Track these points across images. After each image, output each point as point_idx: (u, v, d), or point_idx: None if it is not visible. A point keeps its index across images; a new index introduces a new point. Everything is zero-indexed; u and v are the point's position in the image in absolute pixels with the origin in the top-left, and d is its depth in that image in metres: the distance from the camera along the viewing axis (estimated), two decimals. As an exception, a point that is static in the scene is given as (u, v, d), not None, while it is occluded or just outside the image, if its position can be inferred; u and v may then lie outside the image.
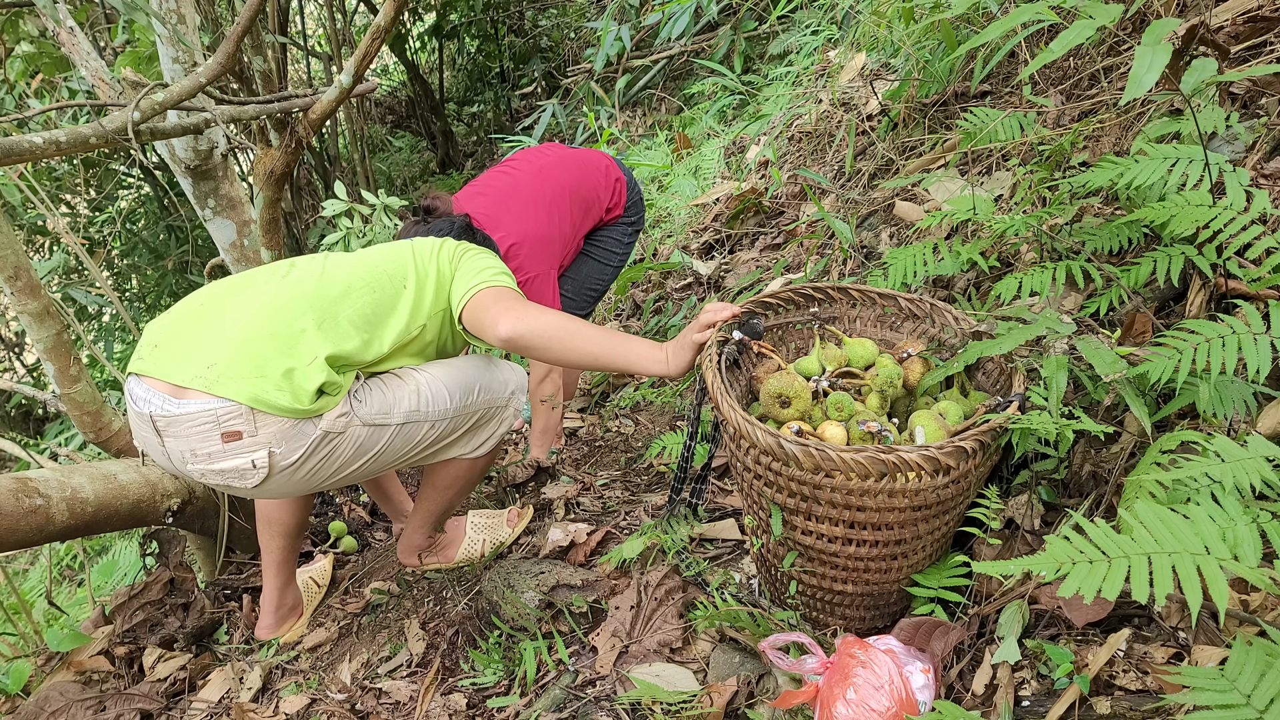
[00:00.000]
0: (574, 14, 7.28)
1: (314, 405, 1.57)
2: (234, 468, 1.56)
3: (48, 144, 2.08)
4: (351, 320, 1.67)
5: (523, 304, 1.67)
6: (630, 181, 2.56)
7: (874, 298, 1.69)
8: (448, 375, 1.81)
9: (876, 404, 1.52)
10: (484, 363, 1.91)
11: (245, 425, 1.53)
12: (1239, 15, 1.85)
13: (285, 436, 1.56)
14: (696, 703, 1.44)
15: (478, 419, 1.87)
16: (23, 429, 6.19)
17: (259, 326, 1.59)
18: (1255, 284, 1.38)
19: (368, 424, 1.67)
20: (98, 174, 6.19)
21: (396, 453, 1.75)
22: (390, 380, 1.74)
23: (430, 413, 1.76)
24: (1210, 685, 0.90)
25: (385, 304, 1.73)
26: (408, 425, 1.73)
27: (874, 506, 1.29)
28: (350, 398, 1.65)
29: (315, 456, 1.62)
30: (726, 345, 1.57)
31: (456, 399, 1.80)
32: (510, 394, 1.94)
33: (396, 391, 1.72)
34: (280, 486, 1.64)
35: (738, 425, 1.34)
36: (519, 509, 2.26)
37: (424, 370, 1.79)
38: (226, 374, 1.53)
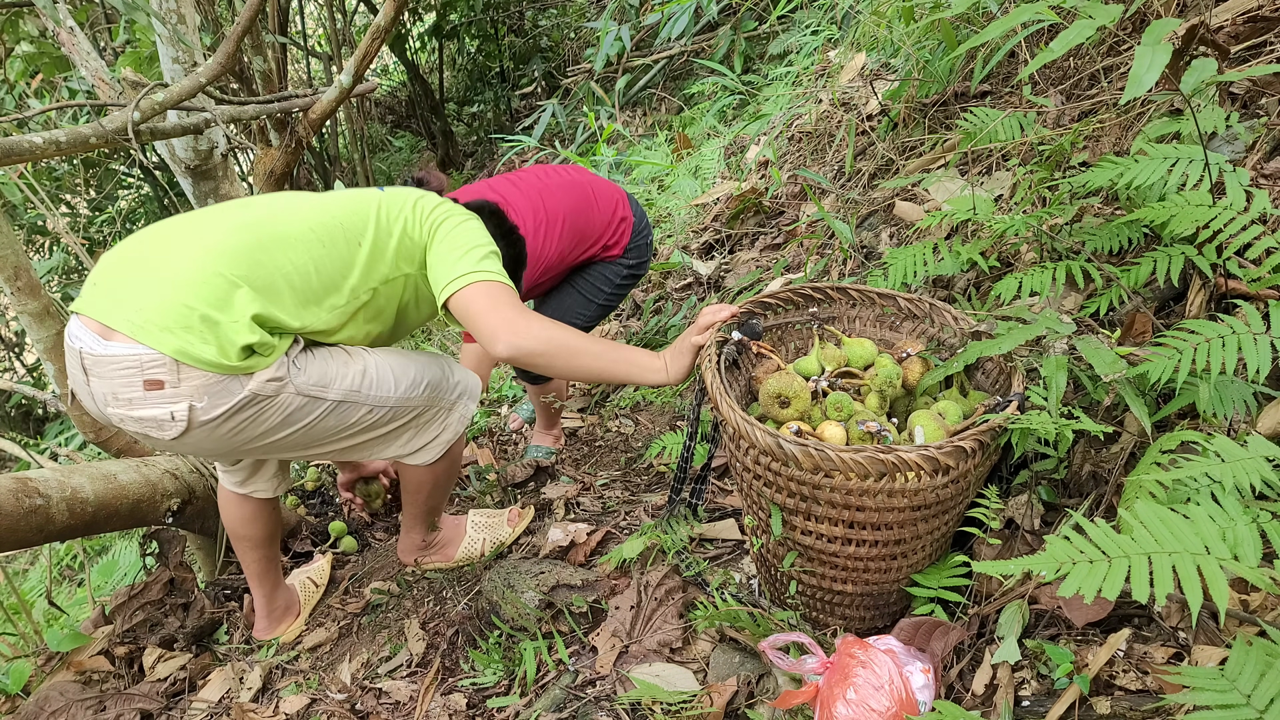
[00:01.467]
0: (574, 14, 7.28)
1: (242, 363, 1.51)
2: (152, 417, 1.52)
3: (48, 144, 2.08)
4: (289, 278, 1.57)
5: (521, 315, 1.57)
6: (640, 228, 2.48)
7: (873, 298, 1.69)
8: (397, 363, 1.75)
9: (876, 404, 1.52)
10: (439, 361, 1.87)
11: (168, 376, 1.48)
12: (1239, 15, 1.85)
13: (208, 391, 1.50)
14: (696, 703, 1.44)
15: (416, 415, 1.81)
16: (23, 429, 6.19)
17: (191, 275, 1.51)
18: (1255, 284, 1.38)
19: (302, 393, 1.60)
20: (98, 174, 6.19)
21: (327, 431, 1.69)
22: (336, 354, 1.68)
23: (370, 396, 1.70)
24: (1210, 685, 0.90)
25: (332, 262, 1.62)
26: (344, 404, 1.67)
27: (873, 506, 1.29)
28: (289, 362, 1.58)
29: (239, 417, 1.56)
30: (726, 346, 1.57)
31: (401, 389, 1.74)
32: (457, 397, 1.88)
33: (340, 367, 1.66)
34: (200, 443, 1.58)
35: (737, 425, 1.34)
36: (519, 509, 2.26)
37: (374, 353, 1.74)
38: (154, 321, 1.48)
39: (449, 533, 2.15)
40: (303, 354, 1.63)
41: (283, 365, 1.57)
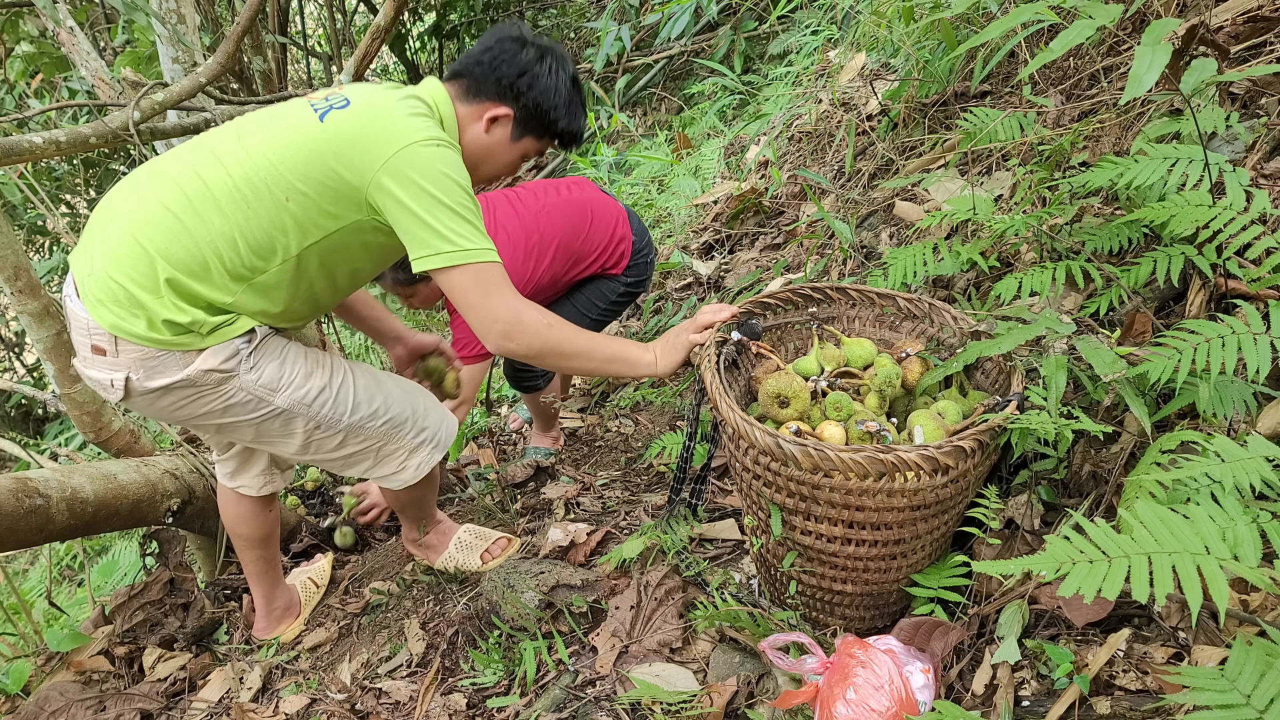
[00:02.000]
0: (574, 14, 7.28)
1: (178, 338, 1.48)
2: (97, 379, 1.55)
3: (48, 144, 2.08)
4: (214, 248, 1.46)
5: (514, 311, 1.48)
6: (640, 246, 2.47)
7: (873, 298, 1.69)
8: (366, 388, 1.70)
9: (875, 404, 1.52)
10: (415, 399, 1.80)
11: (108, 345, 1.50)
12: (1239, 15, 1.85)
13: (144, 365, 1.50)
14: (696, 703, 1.44)
15: (370, 447, 1.75)
16: (23, 429, 6.19)
17: (118, 246, 1.48)
18: (1255, 284, 1.38)
19: (246, 390, 1.57)
20: (98, 174, 6.19)
21: (272, 433, 1.65)
22: (303, 360, 1.62)
23: (318, 414, 1.65)
24: (1210, 685, 0.90)
25: (257, 226, 1.47)
26: (289, 414, 1.62)
27: (873, 506, 1.29)
28: (244, 356, 1.54)
29: (175, 395, 1.54)
30: (725, 346, 1.57)
31: (356, 415, 1.69)
32: (420, 443, 1.81)
33: (299, 376, 1.61)
34: (145, 409, 1.59)
35: (736, 425, 1.34)
36: (508, 540, 2.15)
37: (349, 372, 1.69)
38: (94, 291, 1.49)
39: (435, 539, 2.13)
40: (265, 348, 1.58)
41: (234, 357, 1.53)
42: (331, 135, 1.44)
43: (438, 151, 1.43)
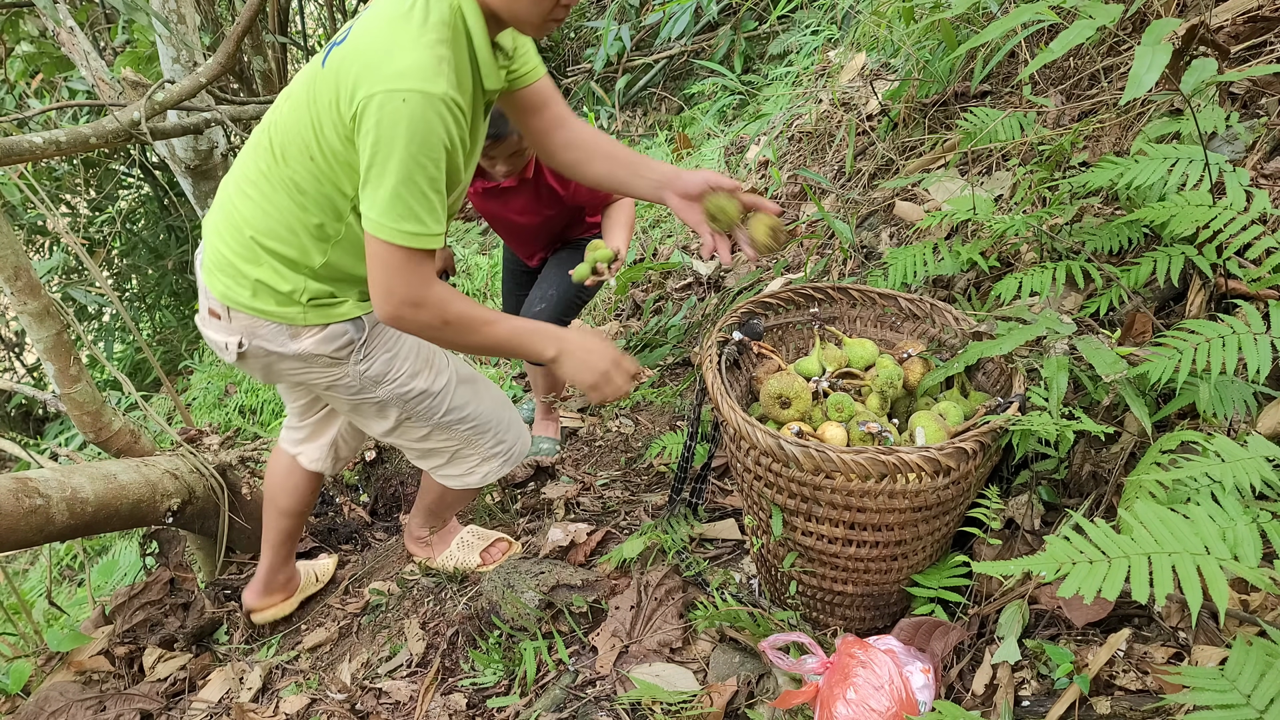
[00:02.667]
0: (574, 14, 7.28)
1: (281, 310, 1.50)
2: (215, 340, 1.61)
3: (48, 144, 2.08)
4: (286, 212, 1.45)
5: (410, 295, 1.35)
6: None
7: (874, 298, 1.69)
8: (465, 394, 1.74)
9: (877, 405, 1.52)
10: (504, 412, 1.84)
11: (221, 310, 1.56)
12: (1239, 15, 1.85)
13: (254, 333, 1.54)
14: (696, 703, 1.44)
15: (449, 447, 1.80)
16: (23, 429, 6.19)
17: (221, 214, 1.52)
18: (1255, 284, 1.38)
19: (354, 378, 1.61)
20: (98, 174, 6.19)
21: (367, 414, 1.71)
22: (410, 357, 1.65)
23: (414, 410, 1.69)
24: (1210, 685, 0.90)
25: (307, 185, 1.41)
26: (386, 404, 1.68)
27: (874, 508, 1.29)
28: (356, 346, 1.57)
29: (287, 363, 1.59)
30: (726, 345, 1.56)
31: (448, 417, 1.73)
32: (493, 454, 1.84)
33: (405, 373, 1.64)
34: (256, 372, 1.65)
35: (738, 426, 1.34)
36: (508, 542, 2.16)
37: (457, 373, 1.73)
38: (208, 259, 1.56)
39: (439, 538, 2.15)
40: (377, 339, 1.60)
41: (346, 347, 1.57)
42: (330, 74, 1.33)
43: (413, 109, 1.25)
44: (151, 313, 6.97)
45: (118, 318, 6.28)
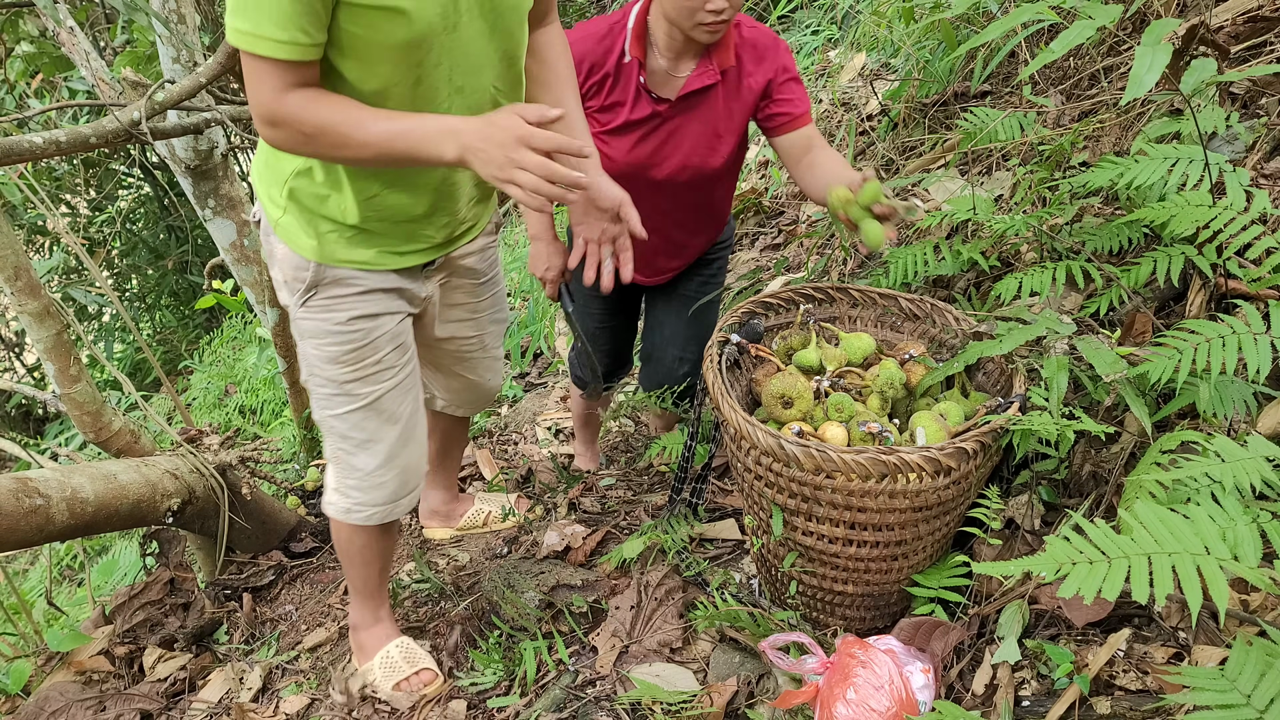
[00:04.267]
0: (574, 14, 7.28)
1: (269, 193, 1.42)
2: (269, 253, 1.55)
3: (48, 144, 2.08)
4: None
5: (266, 106, 1.19)
6: None
7: (874, 298, 1.69)
8: (370, 426, 1.55)
9: (877, 405, 1.52)
10: (389, 473, 1.60)
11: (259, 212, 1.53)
12: (1239, 15, 1.85)
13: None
14: (696, 703, 1.44)
15: (327, 446, 1.63)
16: (23, 429, 6.19)
17: None
18: (1255, 284, 1.38)
19: (291, 312, 1.50)
20: (98, 174, 6.19)
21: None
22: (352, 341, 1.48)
23: (314, 384, 1.54)
24: (1210, 685, 0.90)
25: None
26: (304, 356, 1.53)
27: (875, 508, 1.29)
28: (304, 287, 1.44)
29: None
30: (726, 347, 1.56)
31: (330, 419, 1.56)
32: (347, 491, 1.62)
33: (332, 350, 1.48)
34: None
35: (739, 426, 1.34)
36: (433, 674, 1.80)
37: (386, 404, 1.54)
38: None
39: (367, 639, 1.86)
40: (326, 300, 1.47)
41: (298, 281, 1.45)
42: None
43: None
44: (151, 313, 6.97)
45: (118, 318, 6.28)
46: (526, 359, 3.70)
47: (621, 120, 1.72)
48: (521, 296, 4.14)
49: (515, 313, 3.90)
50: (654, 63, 1.69)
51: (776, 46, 1.74)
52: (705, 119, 1.74)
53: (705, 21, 1.54)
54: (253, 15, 1.11)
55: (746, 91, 1.72)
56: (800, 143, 1.74)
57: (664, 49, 1.67)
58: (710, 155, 1.78)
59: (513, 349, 3.72)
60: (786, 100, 1.74)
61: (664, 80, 1.70)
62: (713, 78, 1.68)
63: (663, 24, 1.64)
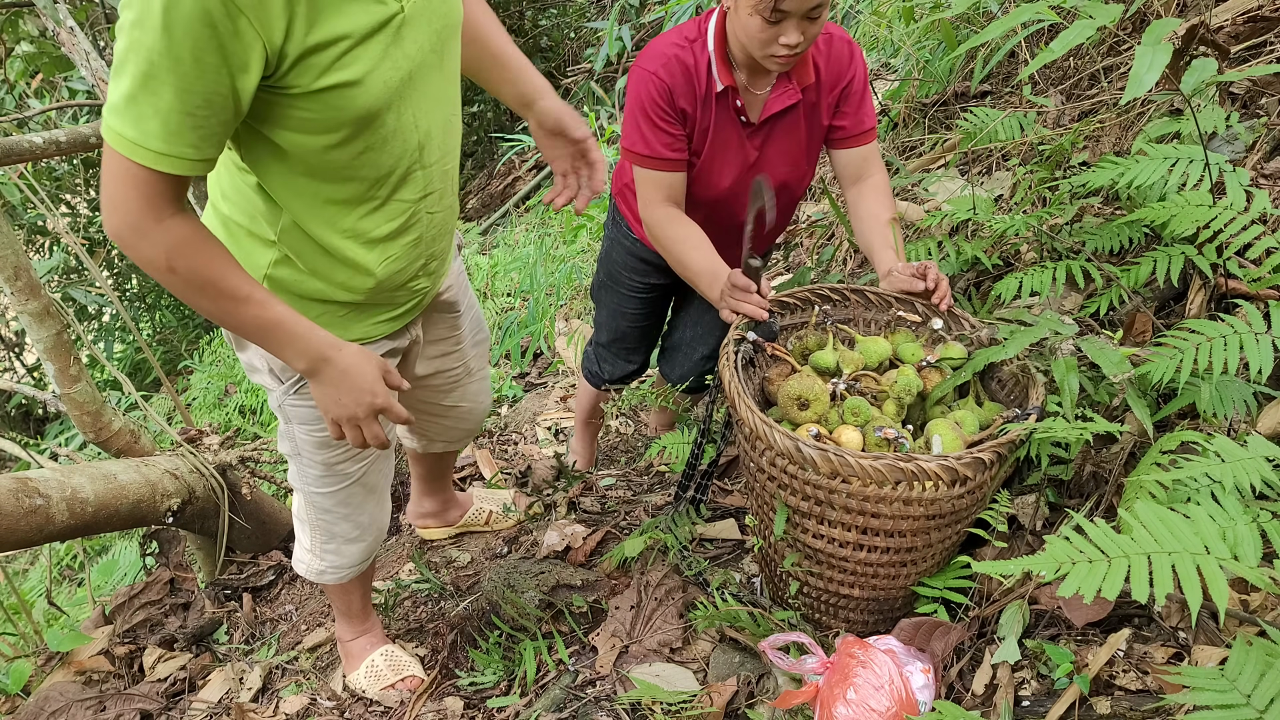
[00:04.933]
0: (574, 14, 7.28)
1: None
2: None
3: (48, 144, 2.08)
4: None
5: (136, 218, 1.05)
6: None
7: (890, 301, 1.67)
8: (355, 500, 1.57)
9: (893, 411, 1.51)
10: (366, 538, 1.64)
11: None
12: (1239, 15, 1.85)
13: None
14: (696, 703, 1.44)
15: (300, 514, 1.62)
16: (23, 429, 6.19)
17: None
18: (1255, 284, 1.38)
19: (277, 401, 1.47)
20: (98, 174, 6.18)
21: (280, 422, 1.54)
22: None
23: (301, 462, 1.52)
24: (1210, 685, 0.90)
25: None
26: (288, 435, 1.52)
27: (889, 514, 1.28)
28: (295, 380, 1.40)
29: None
30: (741, 345, 1.55)
31: (317, 496, 1.55)
32: (324, 554, 1.63)
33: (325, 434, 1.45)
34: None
35: (755, 427, 1.33)
36: (419, 681, 1.82)
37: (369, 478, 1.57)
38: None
39: (355, 648, 1.88)
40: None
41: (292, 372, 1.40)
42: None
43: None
44: (151, 313, 6.97)
45: (118, 318, 6.28)
46: (526, 359, 3.70)
47: (711, 149, 1.66)
48: (521, 297, 4.14)
49: (515, 313, 3.89)
50: (740, 82, 1.61)
51: (853, 57, 1.65)
52: (791, 139, 1.68)
53: (779, 55, 1.46)
54: (133, 120, 0.98)
55: (825, 108, 1.68)
56: (855, 163, 1.70)
57: (741, 64, 1.60)
58: (799, 176, 1.76)
59: (513, 349, 3.72)
60: (848, 114, 1.67)
61: (749, 99, 1.63)
62: (794, 97, 1.62)
63: (738, 41, 1.54)
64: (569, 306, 3.92)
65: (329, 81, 1.06)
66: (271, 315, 1.16)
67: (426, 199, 1.30)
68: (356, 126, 1.13)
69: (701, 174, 1.69)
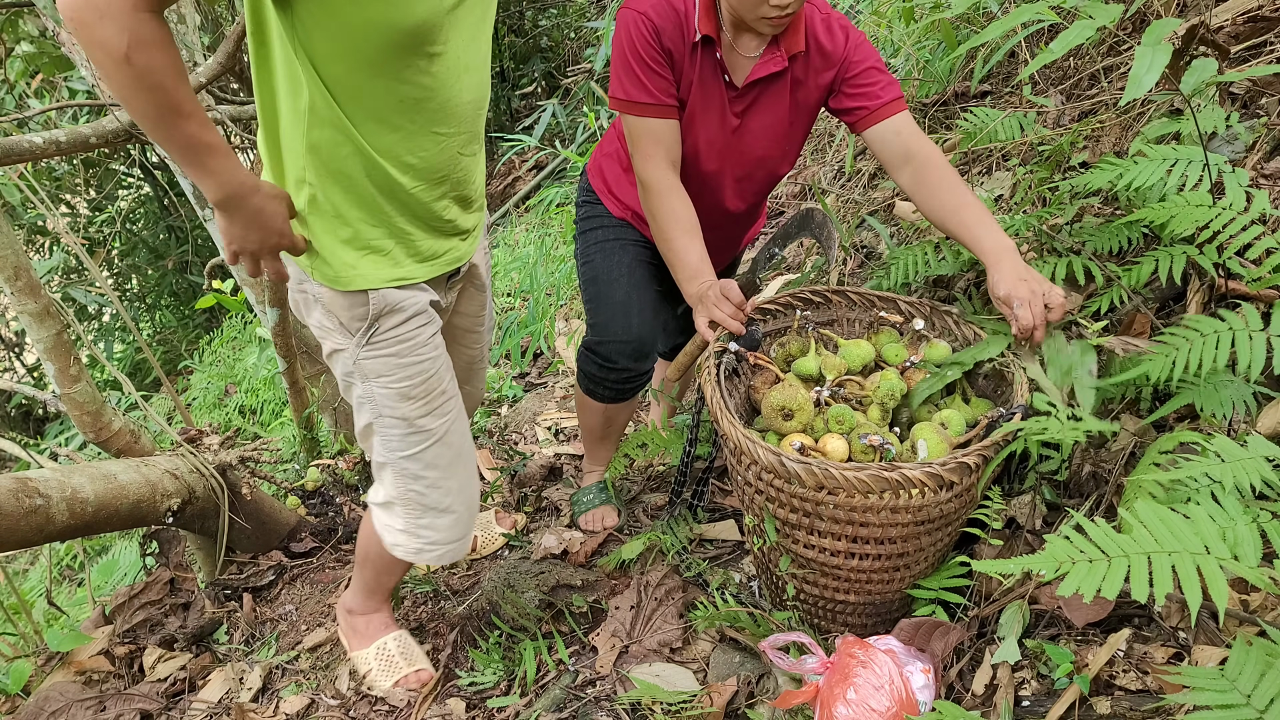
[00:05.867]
0: (574, 14, 7.28)
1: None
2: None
3: (48, 144, 2.08)
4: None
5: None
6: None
7: (873, 300, 1.68)
8: (443, 460, 1.50)
9: (878, 416, 1.51)
10: (462, 507, 1.55)
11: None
12: (1239, 15, 1.85)
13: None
14: (696, 703, 1.44)
15: (390, 493, 1.53)
16: (23, 429, 6.19)
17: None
18: (1256, 284, 1.38)
19: (349, 358, 1.42)
20: (98, 174, 6.19)
21: (351, 401, 1.50)
22: (420, 371, 1.42)
23: (385, 427, 1.46)
24: (1210, 685, 0.90)
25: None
26: (363, 402, 1.45)
27: (877, 522, 1.28)
28: (364, 327, 1.38)
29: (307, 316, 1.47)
30: (724, 355, 1.55)
31: (407, 464, 1.49)
32: (418, 532, 1.54)
33: (403, 384, 1.42)
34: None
35: (738, 442, 1.33)
36: (430, 674, 1.79)
37: (452, 435, 1.50)
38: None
39: (364, 626, 1.87)
40: (392, 330, 1.41)
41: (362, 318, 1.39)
42: None
43: None
44: (151, 313, 6.98)
45: (118, 318, 6.28)
46: (526, 359, 3.70)
47: (694, 104, 1.61)
48: (521, 297, 4.14)
49: (515, 313, 3.89)
50: (725, 38, 1.57)
51: (848, 39, 1.60)
52: (774, 111, 1.63)
53: (769, 15, 1.44)
54: None
55: (813, 87, 1.62)
56: (890, 140, 1.57)
57: (728, 24, 1.56)
58: (779, 155, 1.70)
59: (513, 349, 3.72)
60: (859, 91, 1.59)
61: (734, 61, 1.59)
62: (780, 64, 1.57)
63: (729, 1, 1.51)
64: (569, 306, 3.92)
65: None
66: (208, 137, 1.14)
67: (458, 138, 1.33)
68: (407, 38, 1.15)
69: (690, 141, 1.65)
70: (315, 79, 1.18)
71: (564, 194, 4.62)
